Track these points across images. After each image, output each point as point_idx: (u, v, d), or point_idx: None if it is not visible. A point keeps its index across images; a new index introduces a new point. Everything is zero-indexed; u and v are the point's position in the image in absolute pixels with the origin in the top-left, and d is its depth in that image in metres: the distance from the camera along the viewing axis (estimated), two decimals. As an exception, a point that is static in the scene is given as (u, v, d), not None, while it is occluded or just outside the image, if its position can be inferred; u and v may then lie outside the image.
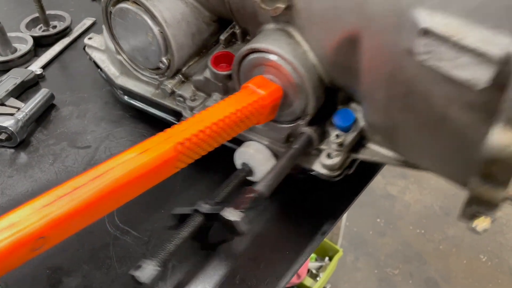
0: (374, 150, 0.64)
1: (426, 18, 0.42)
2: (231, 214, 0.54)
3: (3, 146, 0.81)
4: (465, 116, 0.45)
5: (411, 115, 0.51)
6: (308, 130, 0.64)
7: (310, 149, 0.65)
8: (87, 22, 1.07)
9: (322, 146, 0.65)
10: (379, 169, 0.75)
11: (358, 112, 0.63)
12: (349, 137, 0.63)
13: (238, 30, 0.69)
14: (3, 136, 0.78)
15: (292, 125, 0.66)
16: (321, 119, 0.65)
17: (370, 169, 0.74)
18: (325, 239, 1.14)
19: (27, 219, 0.43)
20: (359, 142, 0.65)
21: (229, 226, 0.55)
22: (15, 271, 0.63)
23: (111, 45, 0.80)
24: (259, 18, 0.62)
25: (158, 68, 0.75)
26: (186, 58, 0.74)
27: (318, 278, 1.65)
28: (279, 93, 0.62)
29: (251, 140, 0.69)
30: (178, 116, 0.76)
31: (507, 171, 0.39)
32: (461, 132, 0.47)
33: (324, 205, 0.71)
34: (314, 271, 1.68)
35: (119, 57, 0.80)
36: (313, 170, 0.65)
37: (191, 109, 0.73)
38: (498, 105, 0.39)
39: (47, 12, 1.03)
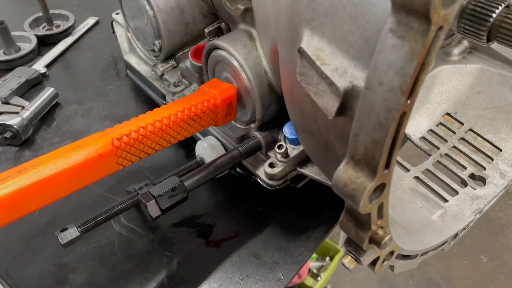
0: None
1: (306, 39, 0.40)
2: (146, 198, 0.57)
3: (8, 144, 0.81)
4: (340, 145, 0.42)
5: (308, 136, 0.49)
6: (257, 135, 0.65)
7: (260, 154, 0.66)
8: (91, 21, 1.08)
9: (270, 154, 0.66)
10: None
11: None
12: (296, 150, 0.63)
13: (223, 25, 0.71)
14: (8, 134, 0.79)
15: (246, 127, 0.67)
16: (275, 127, 0.66)
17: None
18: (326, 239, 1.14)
19: None
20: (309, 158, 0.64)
21: (144, 209, 0.57)
22: (21, 268, 0.63)
23: (125, 23, 0.84)
24: (233, 17, 0.63)
25: (153, 50, 0.78)
26: (179, 45, 0.76)
27: (319, 278, 1.65)
28: (232, 92, 0.62)
29: (211, 134, 0.71)
30: (165, 99, 0.79)
31: (357, 210, 0.36)
32: (340, 161, 0.43)
33: (328, 202, 0.71)
34: (315, 271, 1.68)
35: (128, 34, 0.84)
36: (256, 175, 0.66)
37: (173, 94, 0.75)
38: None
39: (51, 11, 1.04)
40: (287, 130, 0.63)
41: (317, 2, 0.39)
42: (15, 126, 0.79)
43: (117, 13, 0.91)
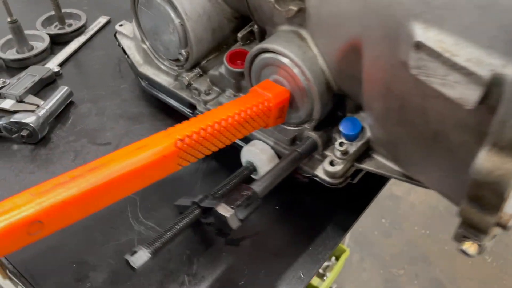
0: (380, 162, 0.63)
1: (421, 32, 0.40)
2: (224, 210, 0.55)
3: (24, 143, 0.81)
4: (458, 135, 0.43)
5: (406, 129, 0.50)
6: (313, 135, 0.64)
7: (315, 154, 0.66)
8: (102, 20, 1.08)
9: (327, 152, 0.65)
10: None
11: (366, 122, 0.63)
12: (354, 146, 0.63)
13: (256, 28, 0.70)
14: (24, 133, 0.79)
15: (298, 128, 0.66)
16: (328, 125, 0.65)
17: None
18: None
19: (22, 203, 0.45)
20: (366, 152, 0.64)
21: (222, 221, 0.56)
22: (42, 266, 0.63)
23: (138, 33, 0.81)
24: (275, 18, 0.62)
25: (178, 60, 0.76)
26: (205, 52, 0.75)
27: (325, 278, 1.65)
28: (286, 95, 0.62)
29: (257, 139, 0.70)
30: (193, 108, 0.78)
31: (494, 196, 0.38)
32: (454, 151, 0.45)
33: (345, 202, 0.72)
34: (321, 271, 1.68)
35: (143, 45, 0.82)
36: (316, 175, 0.66)
37: (205, 103, 0.74)
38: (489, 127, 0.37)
39: (62, 10, 1.03)
40: (345, 127, 0.62)
41: None
42: (31, 125, 0.78)
43: (120, 25, 0.90)
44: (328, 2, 0.53)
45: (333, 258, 1.72)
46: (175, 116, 0.82)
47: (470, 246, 0.43)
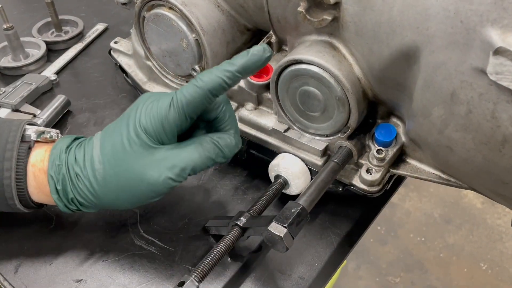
0: (415, 166, 0.64)
1: (499, 38, 0.41)
2: (277, 229, 0.53)
3: (20, 154, 0.79)
4: None
5: (471, 134, 0.50)
6: (348, 144, 0.63)
7: (350, 164, 0.65)
8: (100, 27, 1.06)
9: (361, 161, 0.65)
10: (404, 178, 0.75)
11: (399, 127, 0.63)
12: (390, 153, 0.63)
13: (274, 40, 0.69)
14: (21, 143, 0.77)
15: (331, 138, 0.65)
16: (360, 133, 0.65)
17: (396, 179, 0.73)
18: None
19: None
20: (399, 158, 0.65)
21: (273, 241, 0.53)
22: (41, 284, 0.61)
23: (140, 50, 0.79)
24: (301, 29, 0.61)
25: (189, 75, 0.74)
26: None
27: (322, 287, 1.65)
28: None
29: (285, 152, 0.68)
30: None
31: None
32: None
33: (350, 216, 0.70)
34: (317, 280, 1.67)
35: (148, 62, 0.79)
36: (353, 185, 0.65)
37: None
38: None
39: (59, 17, 1.02)
40: (380, 134, 0.62)
41: (509, 1, 0.40)
42: (28, 135, 0.77)
43: (115, 42, 0.88)
44: (373, 11, 0.51)
45: (330, 266, 1.71)
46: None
47: None
